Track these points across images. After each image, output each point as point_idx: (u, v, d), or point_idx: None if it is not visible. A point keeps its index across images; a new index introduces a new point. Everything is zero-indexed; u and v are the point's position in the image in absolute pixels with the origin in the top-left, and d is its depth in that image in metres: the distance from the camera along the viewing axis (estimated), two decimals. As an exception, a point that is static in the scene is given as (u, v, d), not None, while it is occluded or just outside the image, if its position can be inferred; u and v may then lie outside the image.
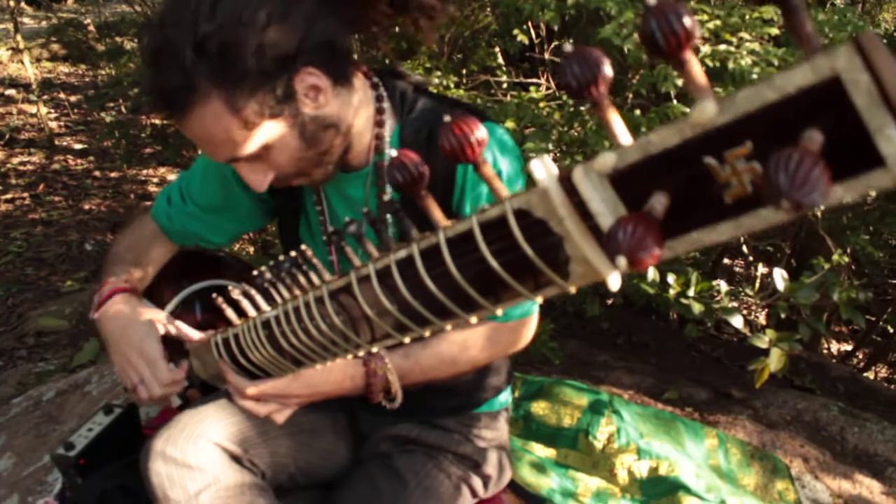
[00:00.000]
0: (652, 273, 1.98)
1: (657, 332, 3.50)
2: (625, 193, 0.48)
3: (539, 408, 1.83)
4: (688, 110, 1.59)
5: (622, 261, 0.45)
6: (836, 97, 0.37)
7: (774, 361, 1.75)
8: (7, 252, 4.70)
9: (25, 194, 5.54)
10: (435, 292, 0.63)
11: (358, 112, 1.16)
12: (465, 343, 1.24)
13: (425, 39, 1.17)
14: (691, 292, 1.98)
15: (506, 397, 1.51)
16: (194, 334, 1.21)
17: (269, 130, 1.05)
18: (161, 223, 1.47)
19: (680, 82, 1.42)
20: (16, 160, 6.10)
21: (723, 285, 1.99)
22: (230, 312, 0.99)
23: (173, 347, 1.31)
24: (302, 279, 0.83)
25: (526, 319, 1.26)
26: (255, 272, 0.92)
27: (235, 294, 0.98)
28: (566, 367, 2.53)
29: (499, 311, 0.61)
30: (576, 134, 1.55)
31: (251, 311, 0.94)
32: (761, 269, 3.98)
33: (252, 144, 1.05)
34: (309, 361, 0.89)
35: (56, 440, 2.57)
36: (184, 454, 1.10)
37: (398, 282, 0.66)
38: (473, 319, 0.63)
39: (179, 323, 1.22)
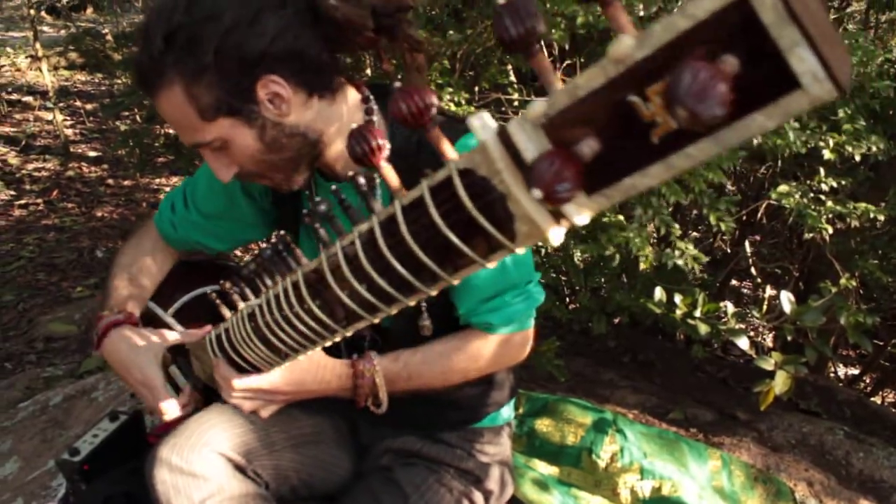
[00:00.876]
0: (659, 293, 1.98)
1: (663, 352, 3.49)
2: (558, 141, 0.47)
3: (543, 425, 1.83)
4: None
5: (537, 193, 0.45)
6: (747, 18, 0.36)
7: (780, 384, 1.75)
8: (19, 257, 4.74)
9: (39, 200, 5.59)
10: (394, 264, 0.63)
11: (346, 124, 1.17)
12: (456, 354, 1.24)
13: (419, 68, 1.17)
14: (698, 313, 1.98)
15: (509, 413, 1.51)
16: (190, 334, 1.28)
17: (226, 126, 1.10)
18: (164, 231, 1.50)
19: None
20: (31, 166, 6.16)
21: (729, 307, 1.99)
22: (224, 308, 1.02)
23: (178, 351, 1.34)
24: (283, 267, 0.85)
25: (521, 334, 1.26)
26: (242, 264, 0.95)
27: (226, 287, 1.02)
28: (571, 385, 2.52)
29: (455, 281, 0.62)
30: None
31: (240, 304, 0.97)
32: (769, 291, 3.97)
33: (209, 135, 1.10)
34: (292, 352, 0.92)
35: (62, 445, 2.59)
36: (189, 463, 1.11)
37: (361, 257, 0.67)
38: (433, 292, 0.64)
39: (172, 332, 1.30)
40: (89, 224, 5.26)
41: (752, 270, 3.83)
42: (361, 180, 0.72)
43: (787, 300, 1.94)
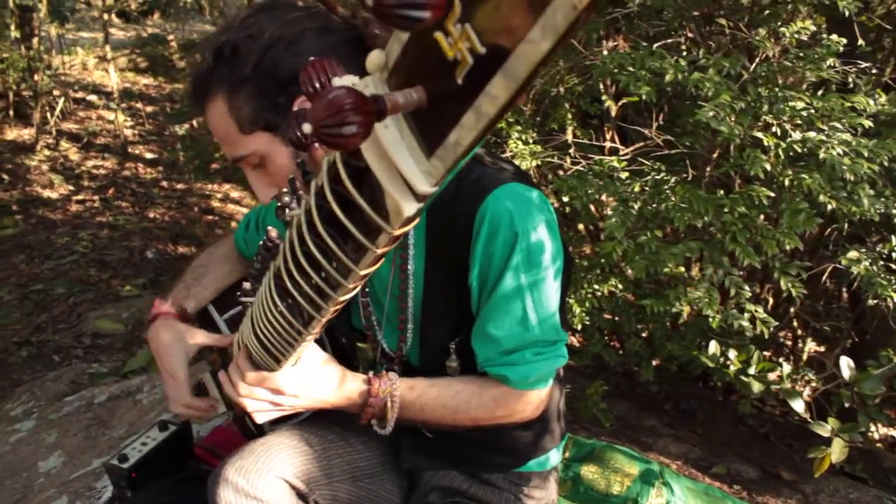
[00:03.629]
0: (714, 347, 1.96)
1: (704, 401, 3.44)
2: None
3: (589, 471, 1.81)
4: (772, 194, 1.59)
5: (306, 127, 0.43)
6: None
7: (836, 452, 1.70)
8: (73, 251, 4.87)
9: (96, 197, 5.74)
10: (316, 253, 0.64)
11: None
12: (471, 398, 1.22)
13: None
14: (752, 370, 1.95)
15: (557, 458, 1.50)
16: (218, 338, 1.37)
17: (264, 141, 1.13)
18: (239, 246, 1.61)
19: (768, 167, 1.42)
20: (90, 163, 6.34)
21: (785, 367, 1.95)
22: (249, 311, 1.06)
23: (225, 356, 1.39)
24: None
25: (536, 393, 1.23)
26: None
27: (246, 287, 1.07)
28: (615, 430, 2.50)
29: (361, 271, 0.61)
30: (657, 208, 1.56)
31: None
32: (810, 344, 3.88)
33: (246, 148, 1.14)
34: (278, 353, 0.96)
35: (105, 445, 2.63)
36: (254, 487, 1.12)
37: (297, 247, 0.68)
38: (350, 284, 0.64)
39: (204, 336, 1.38)
40: (141, 224, 5.38)
41: (794, 322, 3.75)
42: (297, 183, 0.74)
43: (846, 365, 1.90)
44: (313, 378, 1.12)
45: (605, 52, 2.08)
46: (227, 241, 1.64)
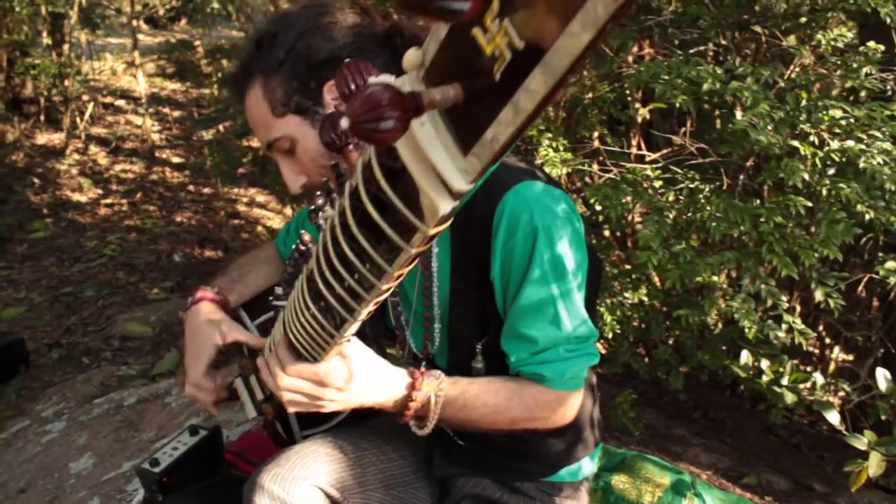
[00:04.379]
0: (746, 357, 1.93)
1: (733, 410, 3.40)
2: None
3: (620, 481, 1.80)
4: (810, 204, 1.57)
5: (344, 122, 0.43)
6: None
7: (874, 466, 1.67)
8: (102, 254, 4.93)
9: (124, 201, 5.82)
10: (349, 254, 0.64)
11: None
12: (512, 396, 1.19)
13: None
14: (785, 381, 1.92)
15: (590, 468, 1.49)
16: (255, 338, 1.39)
17: (294, 124, 1.20)
18: (281, 251, 1.64)
19: (806, 176, 1.41)
20: (118, 167, 6.43)
21: (818, 378, 1.92)
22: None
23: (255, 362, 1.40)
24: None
25: (573, 393, 1.22)
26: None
27: (278, 291, 1.08)
28: (644, 439, 2.48)
29: (395, 272, 0.61)
30: (692, 217, 1.54)
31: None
32: (837, 352, 3.82)
33: (277, 131, 1.20)
34: (309, 356, 0.97)
35: (135, 448, 2.66)
36: (290, 495, 1.13)
37: (330, 249, 0.68)
38: (384, 285, 0.64)
39: (241, 332, 1.39)
40: (168, 228, 5.44)
41: (820, 328, 3.69)
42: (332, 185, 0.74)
43: (883, 377, 1.86)
44: (358, 370, 1.08)
45: (640, 60, 2.07)
46: (270, 245, 1.68)
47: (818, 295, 1.44)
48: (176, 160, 6.77)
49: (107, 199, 5.83)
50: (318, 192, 0.80)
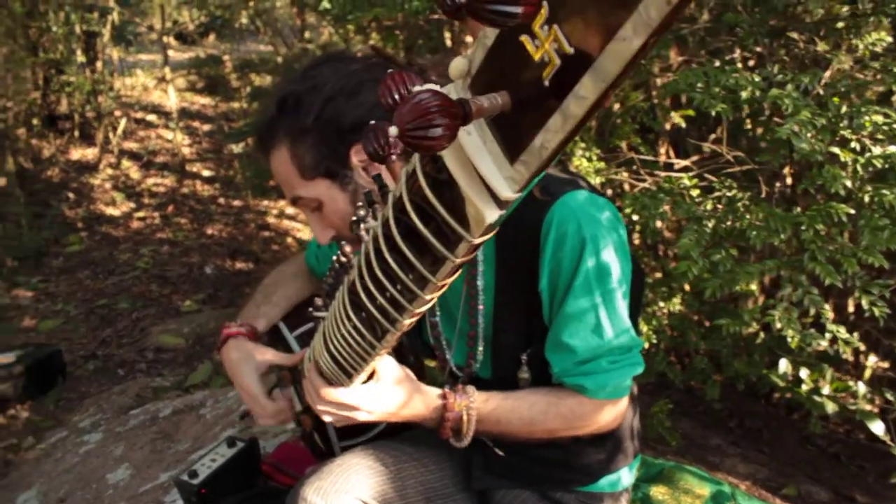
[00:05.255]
0: (784, 365, 1.91)
1: (769, 420, 3.35)
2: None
3: (658, 492, 1.78)
4: (852, 211, 1.55)
5: (392, 130, 0.42)
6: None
7: (920, 477, 1.64)
8: (135, 267, 5.01)
9: (156, 214, 5.91)
10: (393, 264, 0.64)
11: None
12: (548, 408, 1.21)
13: None
14: (826, 390, 1.89)
15: (629, 478, 1.47)
16: (287, 357, 1.40)
17: (323, 188, 1.20)
18: (310, 262, 1.64)
19: (849, 183, 1.39)
20: (150, 181, 6.53)
21: (861, 387, 1.89)
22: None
23: (295, 372, 1.42)
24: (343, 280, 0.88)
25: (615, 403, 1.22)
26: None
27: (318, 303, 1.09)
28: (680, 449, 2.45)
29: (440, 282, 0.60)
30: (730, 226, 1.53)
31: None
32: (872, 359, 3.75)
33: (306, 193, 1.20)
34: (350, 368, 0.98)
35: (171, 459, 2.69)
36: None
37: (373, 260, 0.69)
38: (427, 296, 0.64)
39: (273, 355, 1.41)
40: (200, 241, 5.51)
41: (856, 336, 3.62)
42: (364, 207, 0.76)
43: (927, 386, 1.83)
44: (387, 395, 1.13)
45: (667, 69, 2.05)
46: (298, 259, 1.67)
47: (864, 303, 1.41)
48: (206, 173, 6.86)
49: (139, 212, 5.92)
50: (360, 204, 0.81)
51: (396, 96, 0.47)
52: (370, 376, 1.13)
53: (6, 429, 3.32)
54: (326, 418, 1.15)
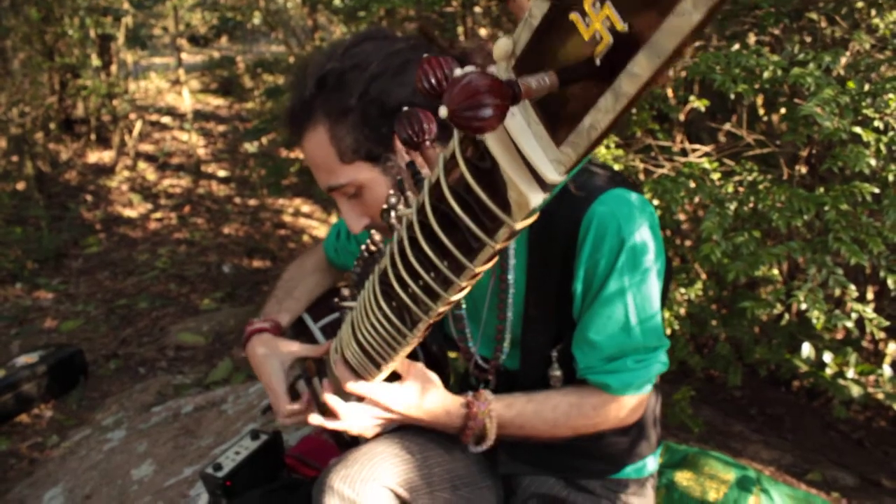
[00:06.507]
0: (808, 349, 1.89)
1: (790, 406, 3.32)
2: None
3: (683, 478, 1.77)
4: (877, 190, 1.53)
5: (443, 111, 0.42)
6: None
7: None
8: (153, 267, 5.05)
9: (173, 214, 5.95)
10: (428, 251, 0.64)
11: None
12: (571, 409, 1.21)
13: None
14: (850, 374, 1.88)
15: (654, 465, 1.47)
16: (313, 349, 1.40)
17: (363, 171, 1.13)
18: (329, 255, 1.64)
19: (873, 162, 1.37)
20: (166, 182, 6.58)
21: (886, 369, 1.87)
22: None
23: (321, 364, 1.42)
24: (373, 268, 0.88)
25: (636, 397, 1.22)
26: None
27: (344, 293, 1.08)
28: (703, 436, 2.44)
29: (477, 269, 0.59)
30: (752, 208, 1.51)
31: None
32: (893, 346, 3.72)
33: (344, 177, 1.13)
34: (380, 357, 0.97)
35: (194, 454, 2.71)
36: (359, 495, 1.14)
37: (406, 247, 0.68)
38: (463, 283, 0.64)
39: (299, 347, 1.41)
40: (216, 240, 5.54)
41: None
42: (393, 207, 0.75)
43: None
44: (412, 399, 1.14)
45: (690, 55, 2.04)
46: (316, 252, 1.67)
47: (890, 283, 1.40)
48: (222, 173, 6.89)
49: (156, 213, 5.97)
50: (391, 192, 0.80)
51: (433, 80, 0.48)
52: (395, 377, 1.14)
53: (31, 428, 3.36)
54: (353, 424, 1.17)
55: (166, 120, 7.99)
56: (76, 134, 6.87)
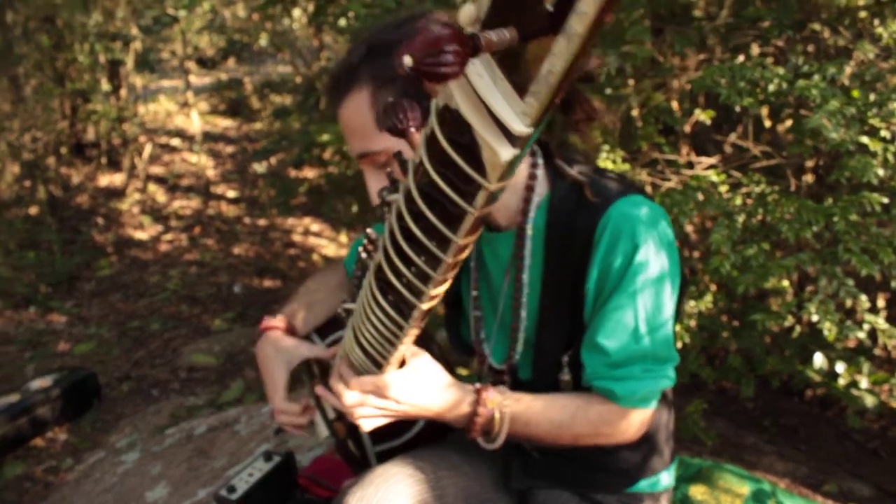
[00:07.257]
0: (820, 360, 1.89)
1: (804, 417, 3.30)
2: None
3: (698, 492, 1.76)
4: (886, 200, 1.54)
5: (407, 60, 0.44)
6: None
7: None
8: (165, 289, 5.08)
9: (183, 235, 5.99)
10: (417, 232, 0.65)
11: (514, 177, 1.18)
12: (577, 412, 1.20)
13: (584, 138, 1.18)
14: (864, 384, 1.87)
15: (668, 480, 1.47)
16: (324, 351, 1.41)
17: (395, 140, 1.11)
18: (350, 271, 1.62)
19: (881, 171, 1.38)
20: (176, 204, 6.63)
21: (900, 379, 1.86)
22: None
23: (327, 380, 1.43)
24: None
25: (641, 412, 1.21)
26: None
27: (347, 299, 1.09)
28: (716, 448, 2.43)
29: (460, 241, 0.61)
30: (761, 220, 1.52)
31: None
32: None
33: (378, 144, 1.15)
34: (380, 357, 0.98)
35: (208, 475, 2.71)
36: None
37: (397, 232, 0.70)
38: (448, 258, 0.65)
39: (308, 348, 1.42)
40: (227, 260, 5.57)
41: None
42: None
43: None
44: (420, 383, 1.12)
45: (685, 69, 2.06)
46: (338, 268, 1.66)
47: (899, 292, 1.40)
48: (231, 194, 6.94)
49: (167, 235, 6.01)
50: (384, 186, 0.82)
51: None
52: (401, 365, 1.14)
53: (45, 451, 3.38)
54: (357, 415, 1.14)
55: (176, 142, 8.07)
56: (87, 158, 6.94)
